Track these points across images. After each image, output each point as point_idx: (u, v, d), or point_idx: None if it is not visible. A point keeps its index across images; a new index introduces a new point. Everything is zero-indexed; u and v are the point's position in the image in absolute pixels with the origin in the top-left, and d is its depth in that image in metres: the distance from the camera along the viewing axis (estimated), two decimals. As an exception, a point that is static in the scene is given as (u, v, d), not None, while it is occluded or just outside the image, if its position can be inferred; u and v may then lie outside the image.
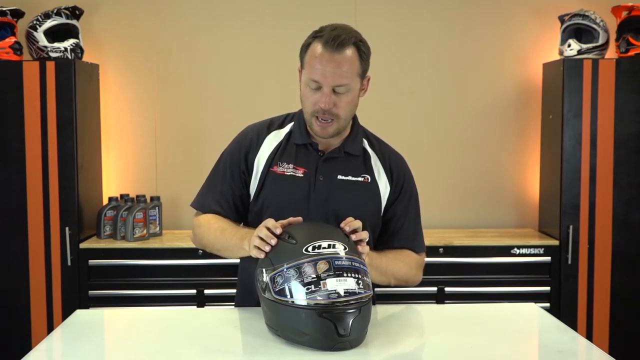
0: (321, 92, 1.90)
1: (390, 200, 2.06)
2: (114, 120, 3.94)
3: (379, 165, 2.06)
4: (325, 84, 1.89)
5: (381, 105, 3.91)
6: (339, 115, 1.93)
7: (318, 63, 1.89)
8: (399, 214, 2.07)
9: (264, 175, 2.02)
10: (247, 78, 3.93)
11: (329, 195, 1.98)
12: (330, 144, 2.03)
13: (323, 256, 1.64)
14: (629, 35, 3.60)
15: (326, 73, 1.88)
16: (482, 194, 3.99)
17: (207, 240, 2.04)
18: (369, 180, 2.03)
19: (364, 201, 2.01)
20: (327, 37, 1.89)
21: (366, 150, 2.07)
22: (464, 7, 3.95)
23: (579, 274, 3.58)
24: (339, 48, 1.88)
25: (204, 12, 3.92)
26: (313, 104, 1.93)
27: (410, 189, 2.10)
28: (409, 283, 2.07)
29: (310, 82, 1.92)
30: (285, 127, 2.07)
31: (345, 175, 2.02)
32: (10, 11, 3.57)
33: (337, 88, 1.90)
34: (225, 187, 2.06)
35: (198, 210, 2.11)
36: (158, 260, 3.54)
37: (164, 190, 3.92)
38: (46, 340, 1.76)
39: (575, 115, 3.56)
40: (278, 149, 2.03)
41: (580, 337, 1.81)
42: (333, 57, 1.88)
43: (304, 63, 1.95)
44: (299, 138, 2.03)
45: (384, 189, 2.05)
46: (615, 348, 3.54)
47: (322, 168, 2.00)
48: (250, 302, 2.02)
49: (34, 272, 3.51)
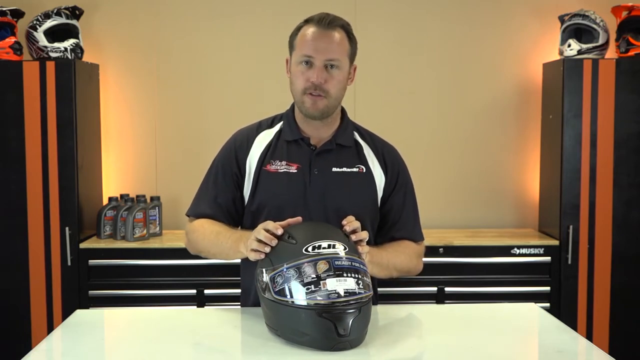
0: (313, 68, 1.94)
1: (387, 191, 2.07)
2: (114, 120, 3.94)
3: (372, 156, 2.07)
4: (317, 57, 1.94)
5: (381, 105, 3.91)
6: (330, 93, 1.95)
7: (310, 39, 1.95)
8: (397, 205, 2.08)
9: (257, 175, 2.02)
10: (247, 78, 3.93)
11: (326, 188, 1.99)
12: (321, 137, 2.04)
13: (323, 256, 1.64)
14: (629, 35, 3.60)
15: (318, 47, 1.94)
16: (482, 194, 3.99)
17: (201, 245, 2.04)
18: (364, 171, 2.04)
19: (361, 191, 2.02)
20: (318, 18, 1.98)
21: (358, 141, 2.09)
22: (464, 7, 3.95)
23: (579, 274, 3.58)
24: (330, 25, 1.96)
25: (204, 12, 3.92)
26: (305, 80, 1.96)
27: (406, 180, 2.11)
28: (411, 273, 2.10)
29: (302, 59, 1.95)
30: (274, 127, 2.09)
31: (340, 167, 2.02)
32: (10, 11, 3.57)
33: (329, 62, 1.94)
34: (218, 191, 2.06)
35: (192, 216, 2.11)
36: (158, 260, 3.54)
37: (164, 190, 3.92)
38: (46, 340, 1.76)
39: (575, 115, 3.56)
40: (269, 148, 2.04)
41: (580, 337, 1.81)
42: (325, 33, 1.95)
43: (294, 45, 2.00)
44: (290, 135, 2.04)
45: (379, 180, 2.06)
46: (615, 348, 3.54)
47: (316, 162, 2.01)
48: (252, 304, 2.03)
49: (34, 272, 3.51)
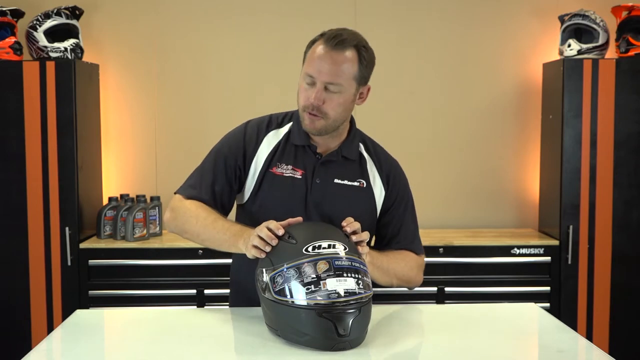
0: (314, 88, 1.92)
1: (386, 205, 2.06)
2: (114, 120, 3.93)
3: (374, 170, 2.06)
4: (318, 79, 1.91)
5: (381, 105, 3.91)
6: (327, 114, 1.93)
7: (316, 58, 1.91)
8: (395, 219, 2.07)
9: (262, 176, 2.01)
10: (247, 78, 3.93)
11: (324, 198, 1.98)
12: (328, 146, 2.03)
13: (323, 256, 1.64)
14: (629, 35, 3.60)
15: (321, 69, 1.90)
16: (482, 194, 3.99)
17: (191, 226, 1.97)
18: (364, 185, 2.03)
19: (359, 205, 2.01)
20: (329, 35, 1.92)
21: (362, 155, 2.07)
22: (464, 7, 3.95)
23: (579, 274, 3.58)
24: (338, 46, 1.90)
25: (204, 12, 3.92)
26: (305, 99, 1.94)
27: (406, 195, 2.10)
28: (411, 284, 2.06)
29: (306, 77, 1.93)
30: (284, 127, 2.07)
31: (342, 180, 2.01)
32: (10, 11, 3.57)
33: (329, 86, 1.91)
34: (216, 178, 2.02)
35: (184, 196, 2.04)
36: (158, 260, 3.54)
37: (164, 190, 3.92)
38: (46, 340, 1.76)
39: (575, 115, 3.55)
40: (277, 150, 2.03)
41: (580, 337, 1.81)
42: (330, 54, 1.90)
43: (305, 59, 1.97)
44: (298, 139, 2.03)
45: (378, 194, 2.05)
46: (615, 348, 3.54)
47: (319, 171, 2.00)
48: (243, 303, 2.03)
49: (34, 272, 3.51)
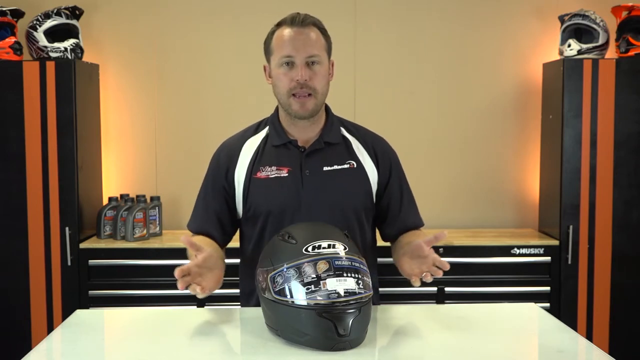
0: (295, 68, 1.94)
1: (382, 182, 2.08)
2: (114, 120, 3.93)
3: (362, 149, 2.08)
4: (298, 56, 1.94)
5: (381, 105, 3.91)
6: (316, 89, 1.96)
7: (288, 39, 1.95)
8: (395, 195, 2.09)
9: (247, 184, 2.03)
10: (247, 78, 3.92)
11: (319, 187, 1.99)
12: (308, 137, 2.04)
13: (323, 256, 1.64)
14: (629, 35, 3.60)
15: (297, 45, 1.94)
16: (482, 194, 3.99)
17: None
18: (354, 166, 2.05)
19: (355, 186, 2.03)
20: (290, 18, 1.98)
21: (345, 137, 2.09)
22: (464, 7, 3.95)
23: (579, 274, 3.58)
24: (304, 24, 1.97)
25: (204, 12, 3.92)
26: (289, 81, 1.95)
27: (398, 168, 2.13)
28: None
29: (283, 60, 1.95)
30: (260, 132, 2.09)
31: (331, 166, 2.03)
32: (10, 11, 3.57)
33: (310, 59, 1.94)
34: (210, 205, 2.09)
35: (192, 231, 2.13)
36: (158, 260, 3.54)
37: (164, 190, 3.92)
38: (46, 340, 1.76)
39: (575, 115, 3.55)
40: (257, 155, 2.04)
41: (580, 337, 1.81)
42: (301, 31, 1.96)
43: (272, 49, 1.99)
44: (277, 139, 2.04)
45: (371, 173, 2.06)
46: (615, 348, 3.54)
47: (307, 163, 2.01)
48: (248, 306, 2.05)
49: (34, 272, 3.51)
